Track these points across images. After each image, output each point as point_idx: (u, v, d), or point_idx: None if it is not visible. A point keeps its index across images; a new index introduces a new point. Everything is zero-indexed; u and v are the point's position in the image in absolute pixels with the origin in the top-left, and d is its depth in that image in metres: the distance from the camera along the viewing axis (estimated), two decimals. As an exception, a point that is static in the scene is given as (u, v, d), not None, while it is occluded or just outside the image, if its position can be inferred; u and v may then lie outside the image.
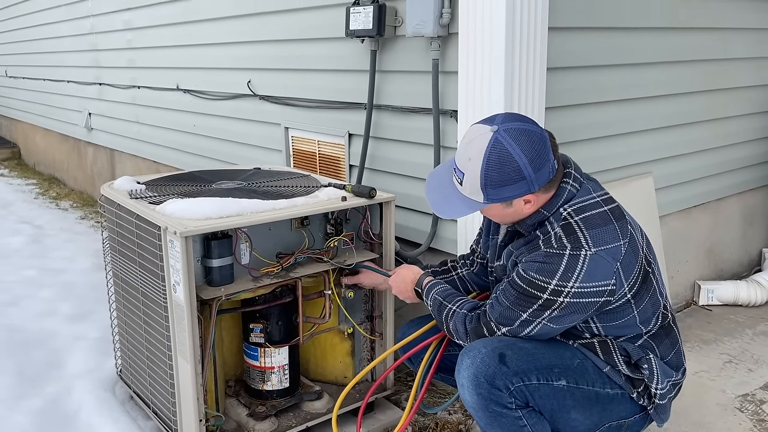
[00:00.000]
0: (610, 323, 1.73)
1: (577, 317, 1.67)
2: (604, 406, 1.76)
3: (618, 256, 1.64)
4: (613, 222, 1.67)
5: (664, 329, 1.82)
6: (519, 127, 1.64)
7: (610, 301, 1.66)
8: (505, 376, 1.66)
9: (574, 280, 1.61)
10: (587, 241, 1.62)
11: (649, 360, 1.76)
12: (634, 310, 1.73)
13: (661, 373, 1.77)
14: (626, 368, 1.75)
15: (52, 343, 3.03)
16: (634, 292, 1.70)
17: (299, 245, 2.25)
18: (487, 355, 1.67)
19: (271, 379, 2.31)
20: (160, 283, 2.05)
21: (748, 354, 2.88)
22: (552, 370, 1.70)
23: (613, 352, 1.75)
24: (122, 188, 2.35)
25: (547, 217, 1.71)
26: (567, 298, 1.62)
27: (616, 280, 1.63)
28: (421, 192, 2.70)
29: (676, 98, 3.04)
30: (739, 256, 3.73)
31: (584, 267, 1.61)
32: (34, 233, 4.89)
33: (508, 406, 1.67)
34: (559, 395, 1.71)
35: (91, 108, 5.79)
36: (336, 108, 3.05)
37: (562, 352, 1.75)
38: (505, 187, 1.63)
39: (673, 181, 3.18)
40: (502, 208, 1.72)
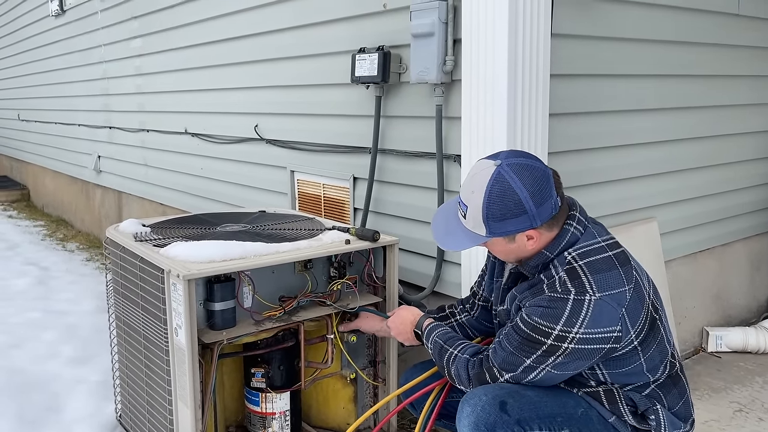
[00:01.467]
0: (616, 370, 1.70)
1: (582, 364, 1.65)
2: None
3: (623, 301, 1.62)
4: (617, 267, 1.66)
5: (671, 378, 1.79)
6: (522, 163, 1.66)
7: (615, 348, 1.64)
8: (507, 425, 1.63)
9: (579, 325, 1.59)
10: (592, 286, 1.61)
11: (656, 411, 1.72)
12: (641, 358, 1.70)
13: (668, 425, 1.73)
14: (632, 419, 1.71)
15: (52, 386, 3.00)
16: (641, 339, 1.67)
17: (302, 288, 2.25)
18: (488, 403, 1.65)
19: (272, 426, 2.28)
20: (162, 327, 2.04)
21: (759, 402, 2.82)
22: (555, 419, 1.67)
23: (619, 402, 1.72)
24: (127, 231, 2.36)
25: (551, 260, 1.70)
26: (572, 344, 1.60)
27: (621, 326, 1.61)
28: (424, 235, 2.70)
29: (680, 143, 3.06)
30: (747, 301, 3.69)
31: (589, 312, 1.59)
32: (40, 275, 4.90)
33: None
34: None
35: (101, 151, 5.87)
36: (341, 152, 3.08)
37: (566, 400, 1.72)
38: (507, 220, 1.64)
39: (678, 226, 3.17)
40: (505, 244, 1.72)
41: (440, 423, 2.08)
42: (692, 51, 2.99)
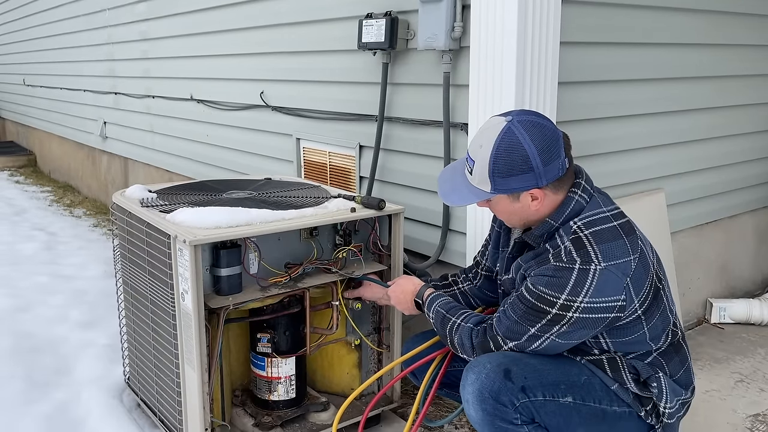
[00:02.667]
0: (619, 339, 1.72)
1: (586, 333, 1.66)
2: (611, 424, 1.73)
3: (628, 271, 1.62)
4: (623, 237, 1.66)
5: (673, 347, 1.80)
6: (533, 120, 1.65)
7: (620, 317, 1.64)
8: (511, 392, 1.64)
9: (584, 295, 1.59)
10: (597, 255, 1.61)
11: (658, 378, 1.74)
12: (644, 327, 1.71)
13: (670, 392, 1.74)
14: (635, 386, 1.73)
15: (61, 349, 3.05)
16: (645, 308, 1.68)
17: (308, 256, 2.25)
18: (493, 371, 1.66)
19: (278, 390, 2.31)
20: (168, 292, 2.06)
21: (760, 374, 2.84)
22: (558, 386, 1.68)
23: (622, 370, 1.73)
24: (134, 196, 2.37)
25: (556, 229, 1.70)
26: (576, 314, 1.61)
27: (626, 295, 1.62)
28: (430, 204, 2.70)
29: (689, 114, 3.03)
30: (752, 274, 3.69)
31: (594, 282, 1.59)
32: (47, 240, 4.93)
33: (513, 422, 1.66)
34: (566, 412, 1.69)
35: (107, 117, 5.86)
36: (347, 120, 3.07)
37: (569, 368, 1.73)
38: (513, 177, 1.63)
39: (685, 198, 3.16)
40: (509, 203, 1.71)
41: (442, 392, 2.10)
42: (704, 19, 2.93)
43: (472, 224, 2.50)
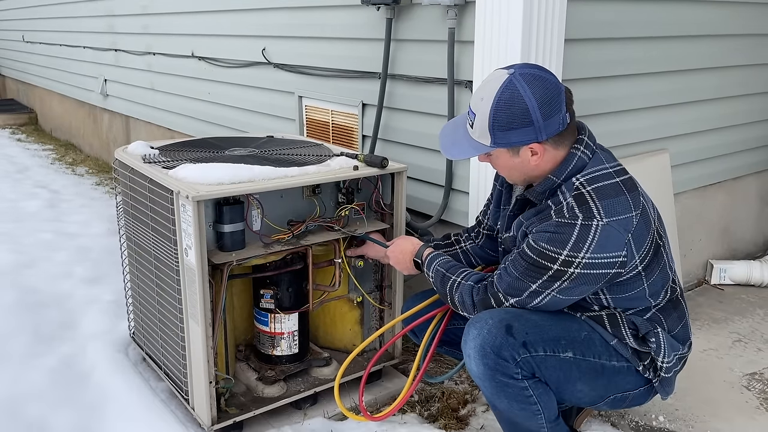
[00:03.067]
0: (619, 295, 1.73)
1: (587, 289, 1.67)
2: (610, 378, 1.76)
3: (630, 227, 1.62)
4: (625, 193, 1.65)
5: (672, 303, 1.82)
6: (535, 74, 1.64)
7: (620, 273, 1.65)
8: (512, 347, 1.66)
9: (585, 250, 1.60)
10: (599, 211, 1.61)
11: (656, 333, 1.76)
12: (644, 283, 1.72)
13: (668, 347, 1.77)
14: (634, 341, 1.75)
15: (66, 304, 3.08)
16: (645, 264, 1.69)
17: (310, 213, 2.26)
18: (495, 326, 1.68)
19: (281, 345, 2.34)
20: (172, 247, 2.07)
21: (758, 333, 2.87)
22: (559, 342, 1.70)
23: (621, 325, 1.75)
24: (136, 152, 2.36)
25: (558, 186, 1.70)
26: (578, 269, 1.62)
27: (627, 251, 1.62)
28: (433, 163, 2.69)
29: (694, 74, 2.99)
30: (754, 236, 3.69)
31: (596, 237, 1.59)
32: (51, 198, 4.94)
33: (514, 376, 1.68)
34: (566, 367, 1.72)
35: (107, 74, 5.80)
36: (350, 77, 3.03)
37: (570, 324, 1.75)
38: (512, 130, 1.63)
39: (690, 159, 3.14)
40: (509, 157, 1.71)
41: (442, 349, 2.13)
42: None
43: (475, 184, 2.50)
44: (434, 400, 2.41)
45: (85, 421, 2.26)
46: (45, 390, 2.42)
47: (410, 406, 2.38)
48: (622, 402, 1.83)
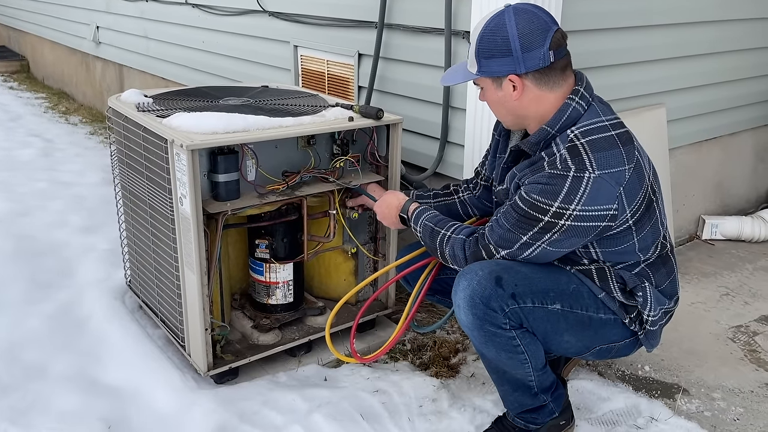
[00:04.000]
0: (609, 249, 1.75)
1: (577, 241, 1.69)
2: (596, 330, 1.80)
3: (622, 180, 1.63)
4: (619, 147, 1.66)
5: (661, 258, 1.84)
6: (527, 8, 1.67)
7: (611, 226, 1.67)
8: (501, 298, 1.69)
9: (577, 202, 1.61)
10: (592, 163, 1.61)
11: (644, 288, 1.78)
12: (634, 238, 1.74)
13: (654, 301, 1.79)
14: (621, 295, 1.78)
15: (62, 252, 3.10)
16: (636, 219, 1.70)
17: (305, 164, 2.26)
18: (484, 278, 1.70)
19: (276, 294, 2.37)
20: (167, 196, 2.08)
21: (746, 288, 2.92)
22: (547, 294, 1.73)
23: (610, 280, 1.77)
24: (130, 101, 2.34)
25: (553, 137, 1.70)
26: (568, 221, 1.63)
27: (618, 205, 1.63)
28: (429, 116, 2.68)
29: (692, 27, 2.95)
30: (747, 192, 3.71)
31: (587, 189, 1.61)
32: (44, 146, 4.91)
33: (502, 326, 1.71)
34: (553, 318, 1.75)
35: (99, 21, 5.69)
36: (346, 26, 2.99)
37: (558, 276, 1.77)
38: (493, 59, 1.68)
39: (686, 114, 3.13)
40: (494, 90, 1.74)
41: (434, 298, 2.16)
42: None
43: (470, 136, 2.50)
44: (426, 348, 2.46)
45: (83, 366, 2.30)
46: (43, 336, 2.46)
47: (402, 355, 2.43)
48: (607, 353, 1.87)
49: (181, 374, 2.24)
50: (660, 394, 2.19)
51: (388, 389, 2.19)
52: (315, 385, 2.22)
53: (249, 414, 2.06)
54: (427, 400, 2.16)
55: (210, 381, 2.23)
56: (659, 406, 2.11)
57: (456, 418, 2.08)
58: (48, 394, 2.16)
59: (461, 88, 2.50)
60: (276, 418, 2.05)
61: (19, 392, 2.16)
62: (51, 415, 2.07)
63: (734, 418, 2.09)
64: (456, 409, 2.12)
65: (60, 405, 2.11)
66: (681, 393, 2.20)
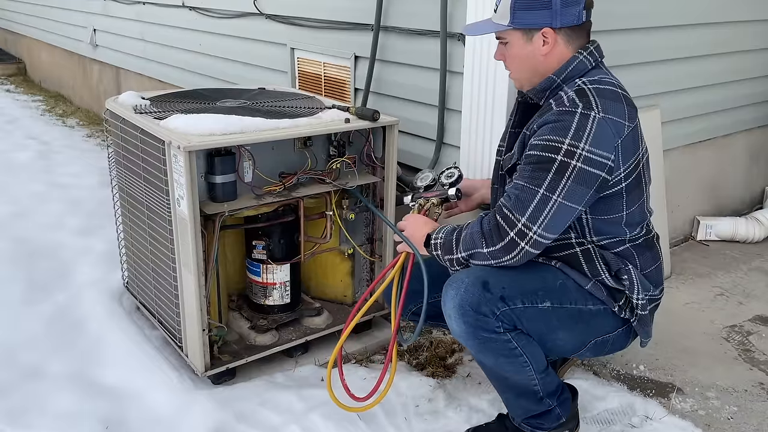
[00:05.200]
0: (600, 217, 1.75)
1: (584, 194, 1.65)
2: (588, 322, 1.80)
3: (621, 132, 1.66)
4: (623, 104, 1.69)
5: (647, 242, 1.86)
6: None
7: (608, 180, 1.67)
8: (490, 302, 1.68)
9: (585, 141, 1.62)
10: (597, 105, 1.64)
11: (628, 271, 1.79)
12: (623, 209, 1.76)
13: (640, 285, 1.80)
14: (609, 278, 1.77)
15: (60, 254, 3.11)
16: (628, 184, 1.72)
17: (302, 166, 2.27)
18: (471, 284, 1.69)
19: (273, 295, 2.39)
20: (164, 198, 2.09)
21: (740, 288, 2.93)
22: (536, 293, 1.74)
23: (596, 260, 1.78)
24: (127, 103, 2.36)
25: (559, 86, 1.73)
26: (579, 162, 1.62)
27: (615, 156, 1.66)
28: (425, 117, 2.69)
29: (687, 29, 2.97)
30: (742, 193, 3.73)
31: (593, 129, 1.62)
32: (42, 149, 4.92)
33: (495, 330, 1.70)
34: (545, 316, 1.75)
35: (96, 24, 5.70)
36: (343, 29, 3.00)
37: (545, 274, 1.78)
38: (531, 10, 1.70)
39: (680, 115, 3.15)
40: (523, 44, 1.75)
41: (430, 323, 2.07)
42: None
43: (466, 137, 2.51)
44: (422, 349, 2.47)
45: (80, 367, 2.31)
46: (40, 337, 2.47)
47: (399, 355, 2.44)
48: (603, 347, 1.87)
49: (179, 375, 2.24)
50: (655, 393, 2.21)
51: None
52: (312, 386, 2.23)
53: (246, 414, 2.07)
54: (424, 400, 2.17)
55: (207, 381, 2.24)
56: (654, 405, 2.13)
57: (452, 418, 2.09)
58: (45, 395, 2.16)
59: (456, 90, 2.52)
60: (273, 419, 2.06)
61: (17, 393, 2.17)
62: (48, 416, 2.07)
63: (728, 417, 2.10)
64: (452, 408, 2.13)
65: (57, 406, 2.11)
66: (675, 392, 2.21)
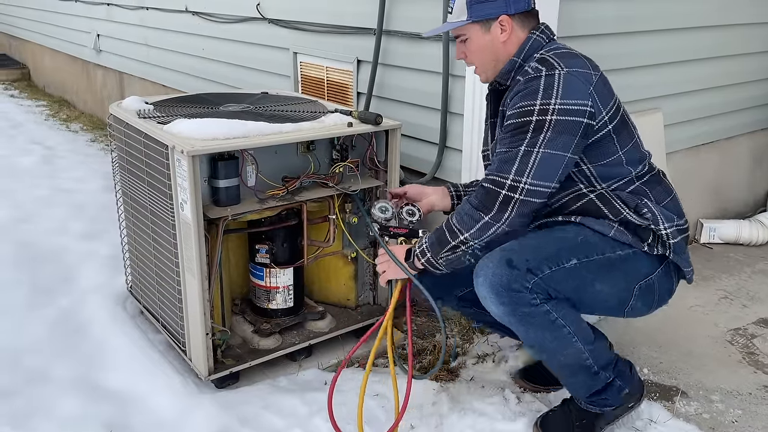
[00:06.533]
0: (598, 162, 1.81)
1: (569, 140, 1.71)
2: (622, 267, 1.81)
3: (590, 80, 1.75)
4: (582, 58, 1.81)
5: (654, 177, 1.90)
6: None
7: (592, 125, 1.74)
8: (519, 278, 1.72)
9: (555, 96, 1.70)
10: (560, 64, 1.75)
11: (646, 204, 1.81)
12: (618, 149, 1.81)
13: (662, 216, 1.81)
14: (632, 215, 1.80)
15: (64, 258, 3.11)
16: (615, 126, 1.79)
17: (305, 170, 2.27)
18: (496, 266, 1.74)
19: (276, 299, 2.39)
20: (167, 202, 2.10)
21: (744, 291, 2.93)
22: (559, 254, 1.77)
23: (614, 201, 1.81)
24: (130, 108, 2.37)
25: (522, 65, 1.83)
26: (554, 116, 1.70)
27: (592, 102, 1.73)
28: (428, 121, 2.70)
29: (689, 32, 2.97)
30: (745, 196, 3.73)
31: (560, 83, 1.71)
32: (46, 154, 4.93)
33: (532, 303, 1.72)
34: (576, 273, 1.77)
35: (100, 29, 5.72)
36: (345, 33, 3.01)
37: (564, 235, 1.82)
38: (486, 2, 1.81)
39: (683, 118, 3.15)
40: (481, 35, 1.85)
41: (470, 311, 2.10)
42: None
43: (469, 141, 2.51)
44: (426, 353, 2.47)
45: (84, 371, 2.31)
46: (44, 341, 2.47)
47: (402, 359, 2.44)
48: (651, 293, 1.87)
49: (182, 379, 2.25)
50: (659, 397, 2.20)
51: (387, 393, 2.20)
52: (315, 389, 2.23)
53: (250, 418, 2.07)
54: (427, 404, 2.16)
55: (211, 385, 2.24)
56: (658, 409, 2.12)
57: (456, 422, 2.09)
58: (50, 399, 2.17)
59: (458, 94, 2.52)
60: (277, 422, 2.06)
61: (21, 397, 2.17)
62: (53, 420, 2.07)
63: (733, 420, 2.09)
64: (456, 412, 2.12)
65: (62, 410, 2.12)
66: (679, 395, 2.20)
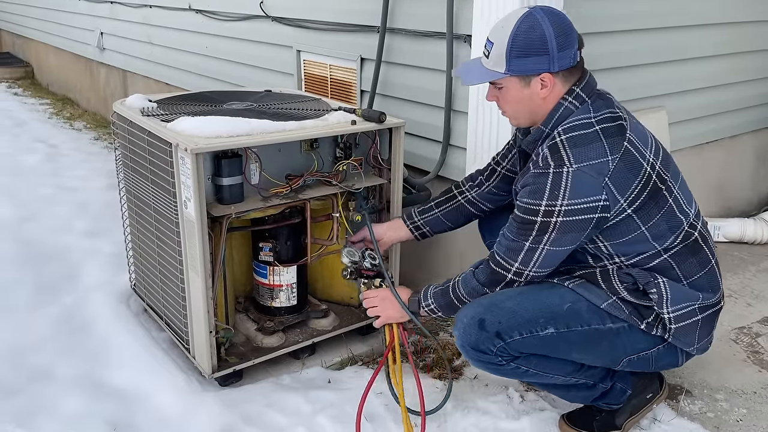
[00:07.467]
0: (617, 240, 1.73)
1: (577, 237, 1.69)
2: (611, 341, 1.77)
3: (605, 171, 1.64)
4: (601, 140, 1.67)
5: (689, 248, 1.76)
6: (553, 10, 1.73)
7: (606, 217, 1.67)
8: (486, 341, 1.74)
9: (562, 198, 1.64)
10: (569, 158, 1.65)
11: (657, 284, 1.73)
12: (641, 226, 1.71)
13: (672, 297, 1.73)
14: (631, 295, 1.74)
15: (67, 256, 3.12)
16: (637, 207, 1.68)
17: (308, 168, 2.27)
18: (468, 324, 1.77)
19: (279, 297, 2.39)
20: (171, 200, 2.10)
21: (749, 289, 2.92)
22: (536, 321, 1.74)
23: (613, 279, 1.76)
24: (134, 105, 2.36)
25: (548, 135, 1.74)
26: (560, 218, 1.65)
27: (607, 194, 1.64)
28: (431, 119, 2.69)
29: (693, 30, 2.96)
30: (749, 194, 3.72)
31: (568, 184, 1.64)
32: (49, 152, 4.94)
33: (498, 363, 1.78)
34: (550, 343, 1.75)
35: (103, 27, 5.73)
36: (349, 31, 3.01)
37: (550, 301, 1.77)
38: (529, 57, 1.69)
39: (687, 117, 3.14)
40: (520, 88, 1.75)
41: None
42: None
43: (472, 139, 2.51)
44: (429, 351, 2.47)
45: (88, 369, 2.32)
46: (48, 339, 2.48)
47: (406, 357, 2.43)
48: (645, 364, 1.83)
49: (186, 377, 2.25)
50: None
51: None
52: (319, 388, 2.23)
53: (253, 416, 2.07)
54: (431, 402, 2.16)
55: (214, 383, 2.24)
56: (662, 407, 2.11)
57: (459, 420, 2.08)
58: (54, 397, 2.17)
59: (462, 92, 2.52)
60: (280, 421, 2.06)
61: (25, 395, 2.17)
62: (57, 417, 2.08)
63: (737, 419, 2.09)
64: (459, 410, 2.12)
65: (65, 408, 2.12)
66: (684, 394, 2.20)
